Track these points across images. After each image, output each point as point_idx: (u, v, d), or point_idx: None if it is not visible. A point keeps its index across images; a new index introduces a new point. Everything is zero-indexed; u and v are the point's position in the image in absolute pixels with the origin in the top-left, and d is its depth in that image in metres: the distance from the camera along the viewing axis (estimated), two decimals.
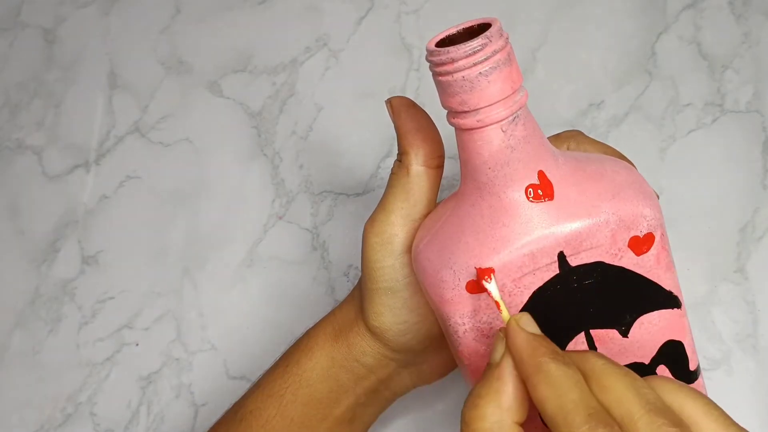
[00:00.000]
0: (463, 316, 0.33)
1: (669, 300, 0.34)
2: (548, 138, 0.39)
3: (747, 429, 0.28)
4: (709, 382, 0.48)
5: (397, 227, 0.36)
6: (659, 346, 0.35)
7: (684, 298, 0.50)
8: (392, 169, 0.37)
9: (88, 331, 0.57)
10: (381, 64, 0.60)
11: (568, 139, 0.38)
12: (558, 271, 0.32)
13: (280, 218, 0.58)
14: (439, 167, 0.37)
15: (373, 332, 0.39)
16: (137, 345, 0.56)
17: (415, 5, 0.61)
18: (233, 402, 0.44)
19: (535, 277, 0.32)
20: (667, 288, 0.34)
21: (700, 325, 0.50)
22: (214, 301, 0.57)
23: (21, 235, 0.61)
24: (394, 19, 0.61)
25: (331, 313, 0.42)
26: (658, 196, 0.36)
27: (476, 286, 0.32)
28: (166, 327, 0.56)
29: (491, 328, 0.33)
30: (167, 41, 0.65)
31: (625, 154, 0.39)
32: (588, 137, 0.39)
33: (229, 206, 0.59)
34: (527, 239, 0.31)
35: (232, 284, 0.57)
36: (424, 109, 0.37)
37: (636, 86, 0.56)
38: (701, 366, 0.49)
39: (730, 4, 0.56)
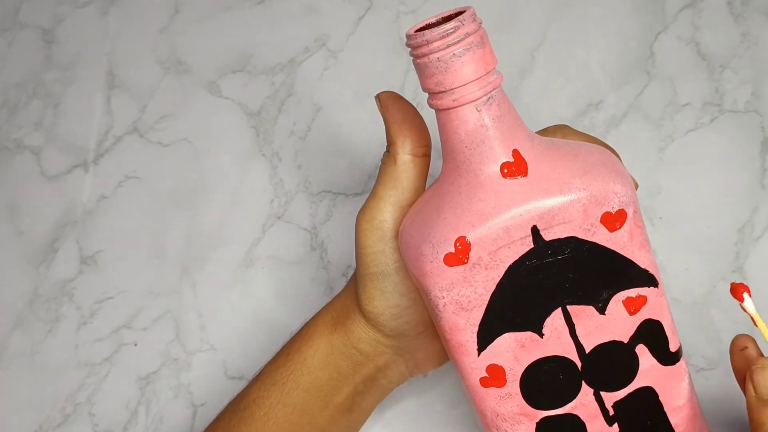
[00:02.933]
0: (441, 289, 0.34)
1: (645, 278, 0.35)
2: (536, 132, 0.39)
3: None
4: (707, 381, 0.48)
5: (386, 213, 0.38)
6: (637, 325, 0.36)
7: (682, 297, 0.50)
8: (382, 159, 0.39)
9: (86, 331, 0.57)
10: (380, 64, 0.60)
11: (554, 131, 0.40)
12: (532, 245, 0.33)
13: (279, 218, 0.58)
14: (426, 156, 0.39)
15: (368, 317, 0.40)
16: (136, 345, 0.56)
17: (414, 5, 0.61)
18: None
19: (511, 250, 0.33)
20: (643, 266, 0.35)
21: (699, 325, 0.50)
22: (213, 301, 0.57)
23: (20, 235, 0.61)
24: (393, 19, 0.61)
25: (330, 303, 0.44)
26: (637, 186, 0.37)
27: (453, 259, 0.33)
28: (164, 327, 0.56)
29: (469, 301, 0.34)
30: (166, 41, 0.65)
31: (623, 154, 0.39)
32: (574, 130, 0.40)
33: (228, 206, 0.59)
34: (502, 213, 0.33)
35: (231, 284, 0.57)
36: (421, 108, 0.38)
37: (635, 86, 0.56)
38: (700, 366, 0.49)
39: (728, 4, 0.56)
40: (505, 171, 0.33)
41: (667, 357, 0.37)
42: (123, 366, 0.56)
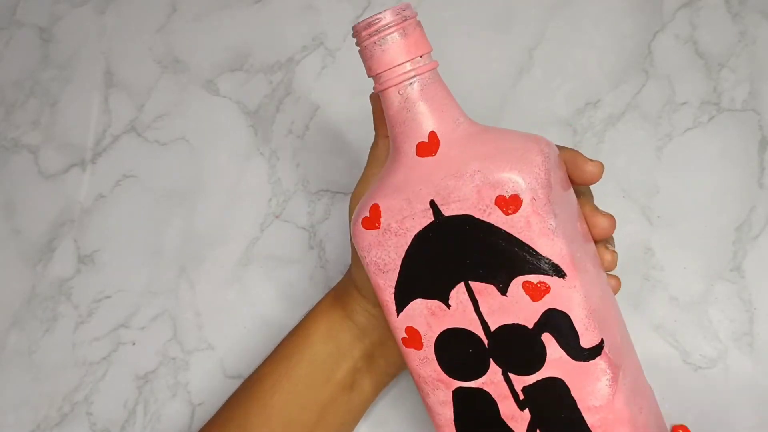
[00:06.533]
0: (363, 250, 0.38)
1: (548, 267, 0.36)
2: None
3: None
4: (705, 380, 0.48)
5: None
6: (541, 312, 0.36)
7: (680, 296, 0.50)
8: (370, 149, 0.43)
9: (84, 330, 0.57)
10: None
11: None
12: (433, 219, 0.36)
13: (277, 217, 0.58)
14: None
15: (358, 286, 0.44)
16: (134, 344, 0.56)
17: (411, 4, 0.61)
18: None
19: (415, 221, 0.37)
20: (544, 254, 0.36)
21: (697, 323, 0.50)
22: (211, 300, 0.57)
23: (17, 234, 0.61)
24: None
25: (333, 287, 0.48)
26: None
27: (368, 222, 0.37)
28: (162, 326, 0.56)
29: (385, 264, 0.38)
30: (163, 40, 0.64)
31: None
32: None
33: (226, 205, 0.59)
34: (407, 186, 0.37)
35: (229, 283, 0.57)
36: None
37: (632, 85, 0.56)
38: (698, 364, 0.49)
39: (726, 2, 0.56)
40: (419, 150, 0.36)
41: (577, 352, 0.36)
42: (121, 365, 0.56)
